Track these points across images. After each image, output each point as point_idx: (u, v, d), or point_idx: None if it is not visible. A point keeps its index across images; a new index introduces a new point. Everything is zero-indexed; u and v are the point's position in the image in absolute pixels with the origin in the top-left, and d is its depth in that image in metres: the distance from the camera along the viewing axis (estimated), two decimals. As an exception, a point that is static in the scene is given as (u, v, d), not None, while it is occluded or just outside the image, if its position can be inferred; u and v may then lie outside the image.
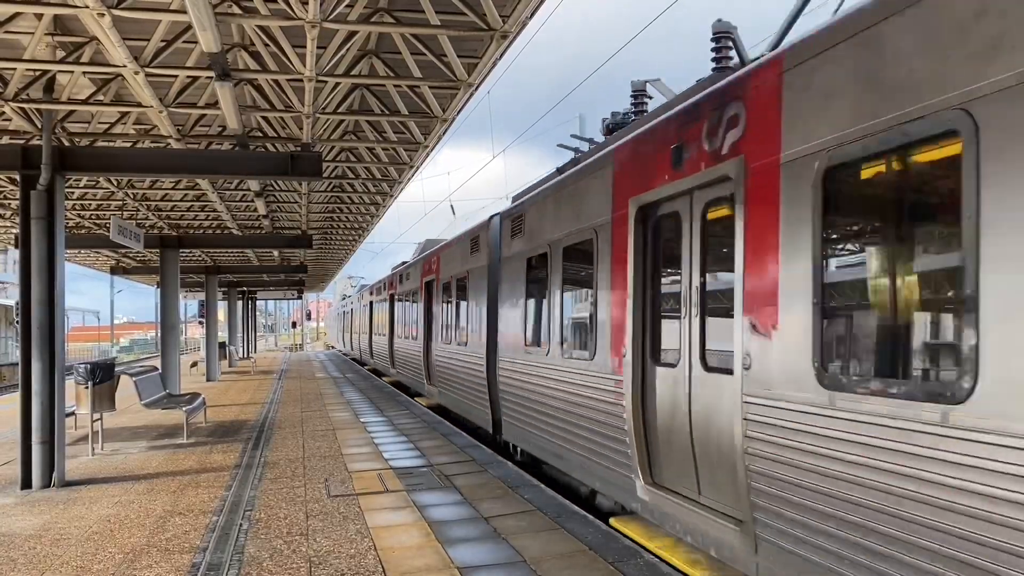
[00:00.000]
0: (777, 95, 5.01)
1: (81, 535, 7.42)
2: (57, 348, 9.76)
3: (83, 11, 7.40)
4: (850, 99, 4.33)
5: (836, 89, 4.46)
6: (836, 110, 4.45)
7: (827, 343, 4.58)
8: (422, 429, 14.01)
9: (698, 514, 5.95)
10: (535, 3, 7.95)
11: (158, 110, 10.53)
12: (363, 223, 24.61)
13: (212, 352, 28.37)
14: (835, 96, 4.46)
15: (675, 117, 6.50)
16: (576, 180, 8.75)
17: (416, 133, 13.08)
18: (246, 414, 16.91)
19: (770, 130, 5.05)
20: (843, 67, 4.42)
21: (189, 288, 37.89)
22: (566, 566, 6.15)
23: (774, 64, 5.12)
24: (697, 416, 6.13)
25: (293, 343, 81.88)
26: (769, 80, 5.12)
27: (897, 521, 3.88)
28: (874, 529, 4.04)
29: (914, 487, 3.79)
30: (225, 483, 9.57)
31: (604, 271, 7.69)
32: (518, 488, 8.92)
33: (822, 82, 4.59)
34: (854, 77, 4.32)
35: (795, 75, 4.85)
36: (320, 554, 6.60)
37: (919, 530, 3.76)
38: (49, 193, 9.86)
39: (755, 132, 5.25)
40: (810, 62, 4.71)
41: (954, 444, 3.57)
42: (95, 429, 12.09)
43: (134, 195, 17.67)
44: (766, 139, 5.10)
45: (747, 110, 5.37)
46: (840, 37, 4.47)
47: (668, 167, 6.45)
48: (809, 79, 4.71)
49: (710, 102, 5.90)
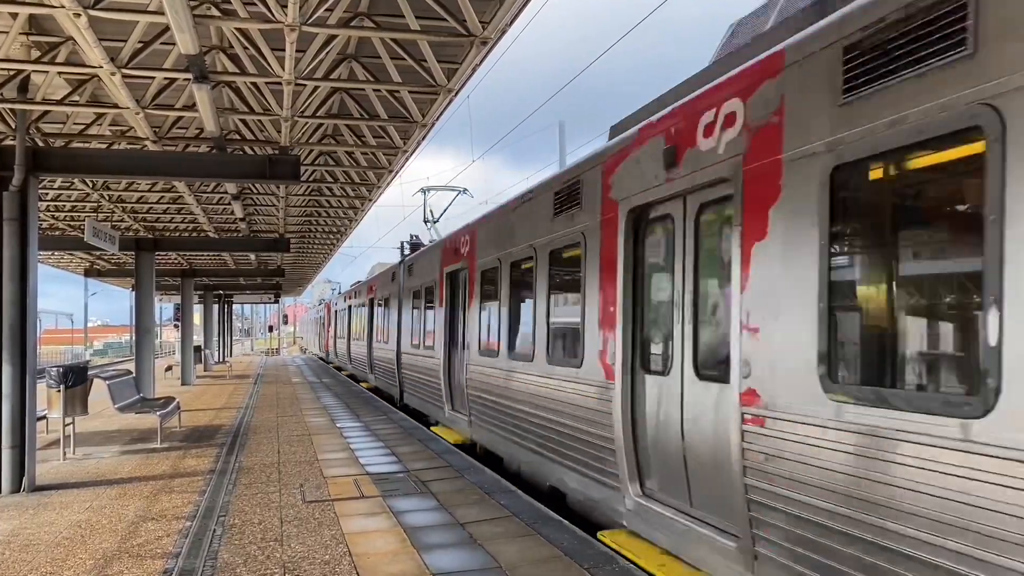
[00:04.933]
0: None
1: (51, 541, 7.32)
2: (29, 351, 9.63)
3: (59, 11, 7.32)
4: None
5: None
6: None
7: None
8: (399, 435, 13.96)
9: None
10: (515, 10, 7.98)
11: (135, 111, 10.44)
12: (341, 227, 24.51)
13: (187, 356, 28.11)
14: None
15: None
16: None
17: (395, 137, 13.06)
18: (221, 419, 16.77)
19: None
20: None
21: (165, 291, 37.57)
22: (541, 572, 6.15)
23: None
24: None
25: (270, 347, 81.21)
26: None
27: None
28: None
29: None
30: (199, 488, 9.49)
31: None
32: (494, 494, 8.91)
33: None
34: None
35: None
36: (294, 560, 6.56)
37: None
38: (22, 194, 9.74)
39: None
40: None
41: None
42: (67, 433, 11.93)
43: (109, 197, 17.50)
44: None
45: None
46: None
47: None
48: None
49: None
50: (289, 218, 21.75)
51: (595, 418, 7.34)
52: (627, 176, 6.96)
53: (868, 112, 4.09)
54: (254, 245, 23.97)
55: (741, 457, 5.01)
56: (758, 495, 4.86)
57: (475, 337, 11.80)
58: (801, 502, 4.44)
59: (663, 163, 6.25)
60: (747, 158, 5.15)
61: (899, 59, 3.89)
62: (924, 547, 3.60)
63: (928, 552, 3.59)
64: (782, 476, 4.62)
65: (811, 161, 4.51)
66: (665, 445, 6.32)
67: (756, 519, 4.90)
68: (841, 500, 4.12)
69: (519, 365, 9.58)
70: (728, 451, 5.22)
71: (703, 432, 5.76)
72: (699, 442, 5.82)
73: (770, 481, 4.73)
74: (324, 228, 24.85)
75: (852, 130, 4.20)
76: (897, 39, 3.92)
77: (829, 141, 4.37)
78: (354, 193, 18.42)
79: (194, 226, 22.56)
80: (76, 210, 19.40)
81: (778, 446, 4.67)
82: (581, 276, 7.80)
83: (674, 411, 6.18)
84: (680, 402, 6.10)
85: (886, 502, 3.83)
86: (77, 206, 18.99)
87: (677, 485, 6.15)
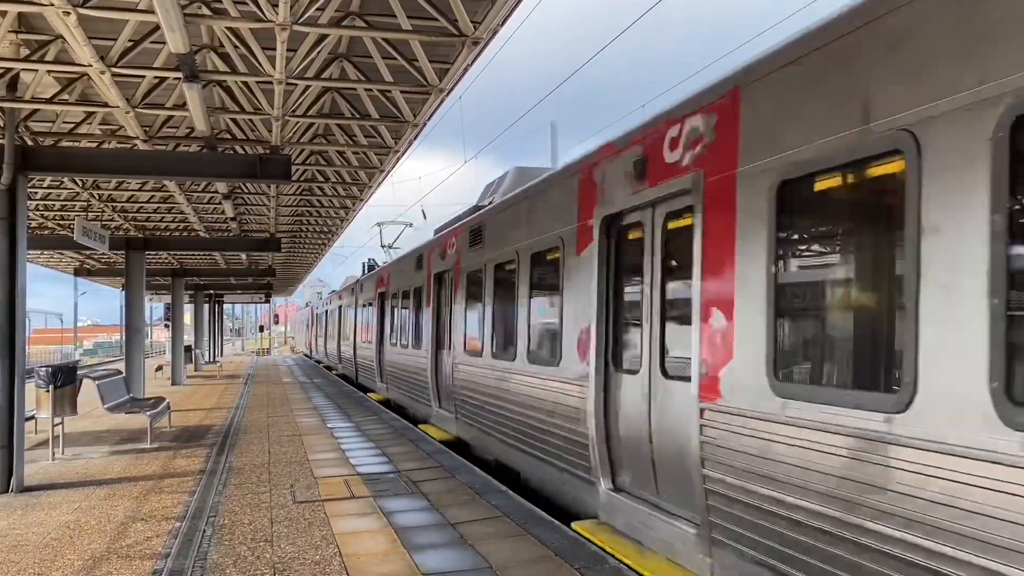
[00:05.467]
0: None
1: (39, 541, 7.29)
2: (17, 351, 9.58)
3: (48, 9, 7.28)
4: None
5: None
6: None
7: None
8: (390, 435, 13.94)
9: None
10: (507, 11, 7.98)
11: (125, 110, 10.39)
12: (332, 227, 24.47)
13: (178, 356, 28.00)
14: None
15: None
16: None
17: (387, 137, 13.04)
18: (211, 419, 16.71)
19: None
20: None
21: (155, 291, 37.36)
22: (532, 572, 6.15)
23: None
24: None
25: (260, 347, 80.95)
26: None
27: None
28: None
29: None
30: (189, 489, 9.46)
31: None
32: (485, 494, 8.91)
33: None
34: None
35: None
36: (284, 560, 6.55)
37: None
38: (11, 193, 9.68)
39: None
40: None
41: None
42: (56, 433, 11.88)
43: (99, 196, 17.41)
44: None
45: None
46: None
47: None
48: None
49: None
50: (280, 218, 21.69)
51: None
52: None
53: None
54: (245, 245, 23.88)
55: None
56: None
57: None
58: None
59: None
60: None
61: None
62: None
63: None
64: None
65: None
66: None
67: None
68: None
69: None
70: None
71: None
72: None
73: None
74: (315, 228, 24.80)
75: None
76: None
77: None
78: (345, 193, 18.38)
79: (184, 225, 22.47)
80: (66, 209, 19.30)
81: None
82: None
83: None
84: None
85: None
86: (67, 205, 18.89)
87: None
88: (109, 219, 20.21)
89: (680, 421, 5.83)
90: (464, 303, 12.23)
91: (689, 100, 5.77)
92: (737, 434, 4.91)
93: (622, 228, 7.00)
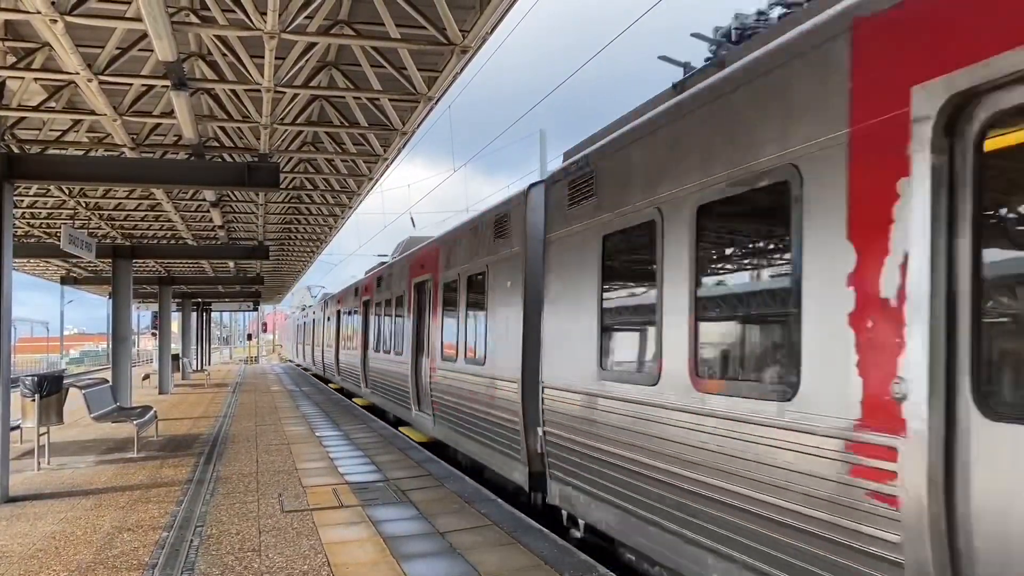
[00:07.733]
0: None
1: (24, 552, 7.22)
2: (2, 359, 9.49)
3: (35, 16, 7.26)
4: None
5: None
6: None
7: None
8: (378, 443, 13.90)
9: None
10: (495, 19, 8.01)
11: (112, 118, 10.37)
12: (321, 234, 24.43)
13: (165, 364, 27.83)
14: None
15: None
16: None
17: (375, 145, 13.05)
18: (199, 428, 16.62)
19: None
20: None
21: (142, 299, 37.15)
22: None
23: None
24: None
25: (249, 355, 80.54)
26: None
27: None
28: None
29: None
30: (176, 498, 9.39)
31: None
32: (475, 502, 8.89)
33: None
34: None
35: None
36: (272, 570, 6.51)
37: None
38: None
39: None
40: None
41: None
42: (41, 443, 11.77)
43: (86, 204, 17.33)
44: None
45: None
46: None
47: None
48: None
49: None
50: (268, 225, 21.64)
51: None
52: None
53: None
54: (233, 252, 23.76)
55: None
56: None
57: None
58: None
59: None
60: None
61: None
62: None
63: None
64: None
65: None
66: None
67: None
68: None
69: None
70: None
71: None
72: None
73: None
74: (304, 235, 24.75)
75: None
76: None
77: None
78: (334, 200, 18.38)
79: (172, 233, 22.39)
80: (52, 217, 19.20)
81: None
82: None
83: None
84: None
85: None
86: (53, 213, 18.80)
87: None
88: (96, 227, 20.10)
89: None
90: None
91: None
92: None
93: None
